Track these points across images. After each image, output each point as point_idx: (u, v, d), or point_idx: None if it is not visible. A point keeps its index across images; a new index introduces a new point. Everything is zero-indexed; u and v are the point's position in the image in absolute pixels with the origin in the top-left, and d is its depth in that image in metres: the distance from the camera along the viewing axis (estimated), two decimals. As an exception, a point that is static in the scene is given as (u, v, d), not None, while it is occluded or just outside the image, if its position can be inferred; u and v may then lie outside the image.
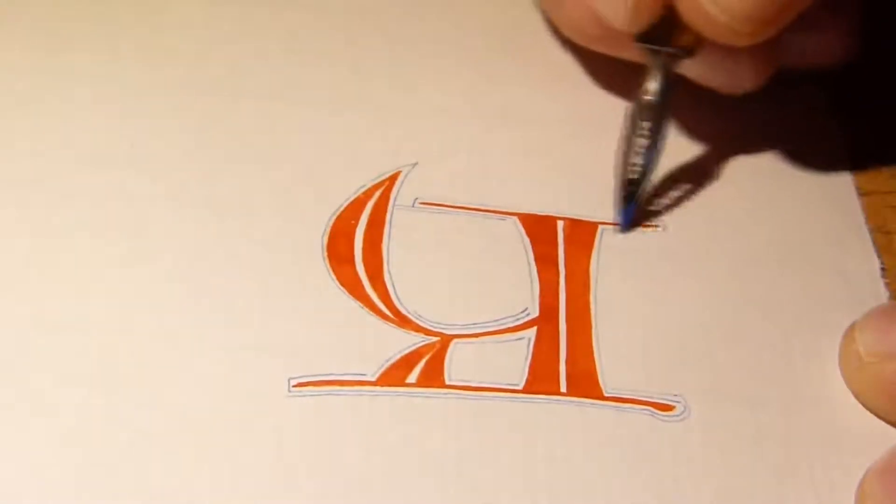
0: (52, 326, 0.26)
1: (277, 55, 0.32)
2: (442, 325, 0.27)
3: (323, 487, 0.24)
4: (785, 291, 0.29)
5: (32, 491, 0.24)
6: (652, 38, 0.28)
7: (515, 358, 0.27)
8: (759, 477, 0.25)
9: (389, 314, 0.27)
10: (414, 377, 0.26)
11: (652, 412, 0.26)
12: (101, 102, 0.31)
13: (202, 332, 0.26)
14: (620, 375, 0.27)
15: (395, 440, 0.25)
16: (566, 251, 0.29)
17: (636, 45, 0.28)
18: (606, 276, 0.29)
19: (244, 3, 0.34)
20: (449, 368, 0.26)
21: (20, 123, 0.30)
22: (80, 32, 0.32)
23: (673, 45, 0.28)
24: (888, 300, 0.29)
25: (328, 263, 0.28)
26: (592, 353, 0.27)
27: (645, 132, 0.28)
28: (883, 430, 0.26)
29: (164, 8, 0.33)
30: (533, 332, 0.27)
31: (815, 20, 0.29)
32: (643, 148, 0.29)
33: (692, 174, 0.31)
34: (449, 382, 0.26)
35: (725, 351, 0.27)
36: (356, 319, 0.27)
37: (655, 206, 0.30)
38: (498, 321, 0.27)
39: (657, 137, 0.29)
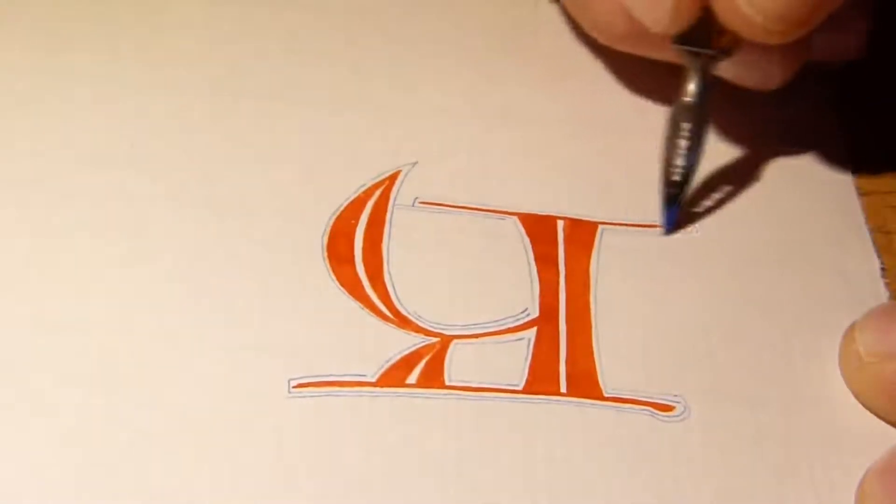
0: (52, 326, 0.26)
1: (277, 55, 0.32)
2: (442, 325, 0.27)
3: (323, 488, 0.24)
4: (785, 291, 0.29)
5: (32, 491, 0.24)
6: (690, 39, 0.28)
7: (515, 358, 0.27)
8: (759, 477, 0.25)
9: (389, 314, 0.27)
10: (414, 378, 0.26)
11: (652, 412, 0.26)
12: (101, 102, 0.31)
13: (202, 332, 0.26)
14: (620, 375, 0.27)
15: (395, 441, 0.25)
16: (566, 251, 0.29)
17: (674, 47, 0.28)
18: (606, 276, 0.29)
19: (244, 3, 0.34)
20: (449, 369, 0.26)
21: (20, 123, 0.30)
22: (80, 32, 0.32)
23: (713, 46, 0.28)
24: (888, 300, 0.29)
25: (328, 263, 0.28)
26: (592, 353, 0.27)
27: (686, 133, 0.29)
28: (883, 430, 0.26)
29: (164, 8, 0.33)
30: (533, 332, 0.27)
31: (839, 18, 0.29)
32: (685, 149, 0.29)
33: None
34: (449, 383, 0.26)
35: (725, 351, 0.27)
36: (356, 320, 0.27)
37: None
38: (498, 321, 0.27)
39: (698, 139, 0.29)
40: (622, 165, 0.31)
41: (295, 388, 0.26)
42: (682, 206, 0.29)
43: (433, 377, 0.26)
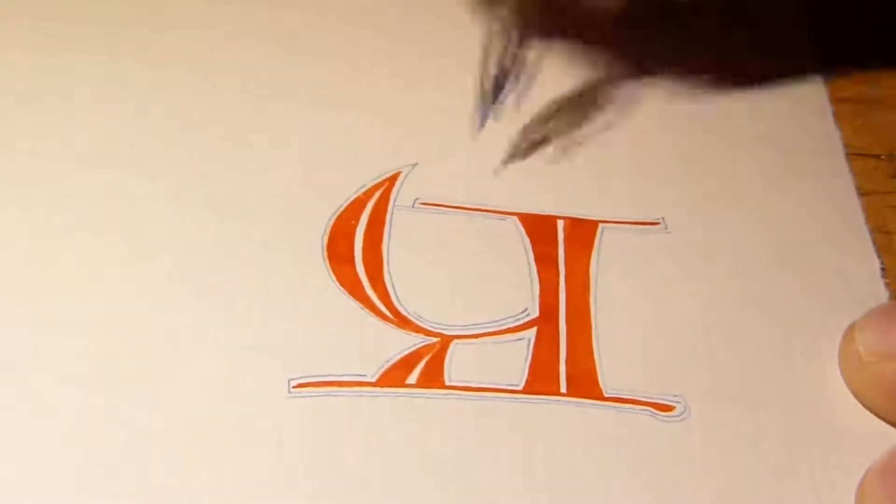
0: (52, 326, 0.26)
1: (277, 55, 0.32)
2: (442, 325, 0.27)
3: (323, 487, 0.24)
4: (785, 291, 0.29)
5: (32, 491, 0.24)
6: None
7: (515, 358, 0.27)
8: (759, 477, 0.25)
9: (389, 315, 0.27)
10: (414, 378, 0.26)
11: (652, 412, 0.26)
12: (101, 102, 0.31)
13: (202, 332, 0.26)
14: (620, 376, 0.27)
15: (395, 440, 0.25)
16: (566, 251, 0.29)
17: None
18: (606, 276, 0.29)
19: (244, 3, 0.34)
20: (449, 369, 0.26)
21: (20, 123, 0.30)
22: (80, 32, 0.32)
23: None
24: (888, 300, 0.29)
25: (328, 263, 0.28)
26: (592, 353, 0.27)
27: (510, 38, 0.29)
28: (883, 430, 0.26)
29: (164, 8, 0.33)
30: (533, 332, 0.27)
31: None
32: (507, 51, 0.29)
33: (692, 175, 0.31)
34: (449, 383, 0.26)
35: (725, 351, 0.27)
36: (356, 320, 0.27)
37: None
38: (498, 322, 0.27)
39: (521, 44, 0.29)
40: (622, 164, 0.31)
41: (295, 388, 0.26)
42: (502, 104, 0.30)
43: (433, 377, 0.26)
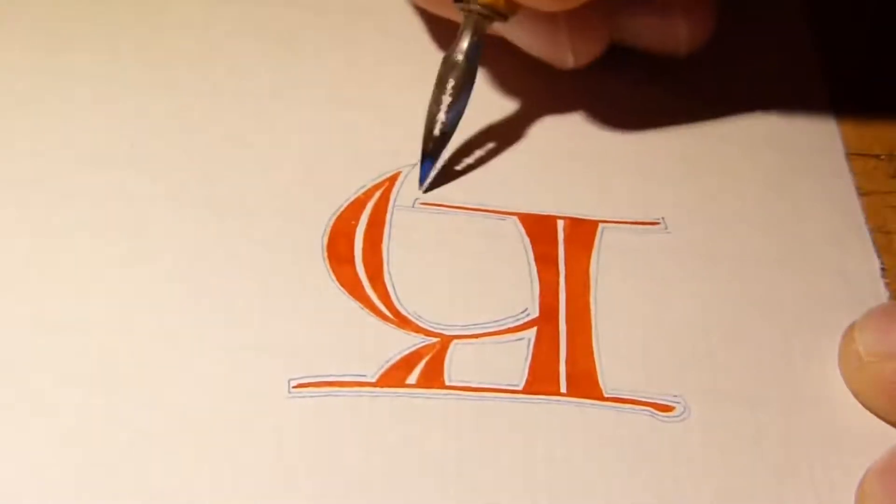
0: (52, 326, 0.26)
1: (277, 55, 0.32)
2: (442, 325, 0.27)
3: (323, 488, 0.24)
4: (785, 291, 0.29)
5: (32, 491, 0.24)
6: None
7: (515, 358, 0.27)
8: (759, 477, 0.25)
9: (389, 315, 0.27)
10: (414, 378, 0.26)
11: (652, 413, 0.26)
12: (101, 102, 0.31)
13: (202, 332, 0.26)
14: (620, 376, 0.27)
15: (395, 441, 0.25)
16: (566, 251, 0.29)
17: (454, 4, 0.29)
18: (606, 276, 0.29)
19: (244, 3, 0.34)
20: (449, 369, 0.26)
21: (20, 123, 0.30)
22: (80, 32, 0.32)
23: (479, 3, 0.28)
24: (888, 300, 0.29)
25: (328, 264, 0.28)
26: (592, 353, 0.27)
27: (450, 90, 0.29)
28: (883, 430, 0.26)
29: (164, 8, 0.33)
30: (533, 332, 0.27)
31: (657, 2, 0.30)
32: (447, 105, 0.29)
33: (692, 175, 0.31)
34: (449, 383, 0.26)
35: (725, 351, 0.27)
36: (356, 320, 0.27)
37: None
38: (498, 322, 0.27)
39: (462, 96, 0.29)
40: (622, 164, 0.31)
41: (295, 388, 0.26)
42: (438, 162, 0.30)
43: (433, 377, 0.26)
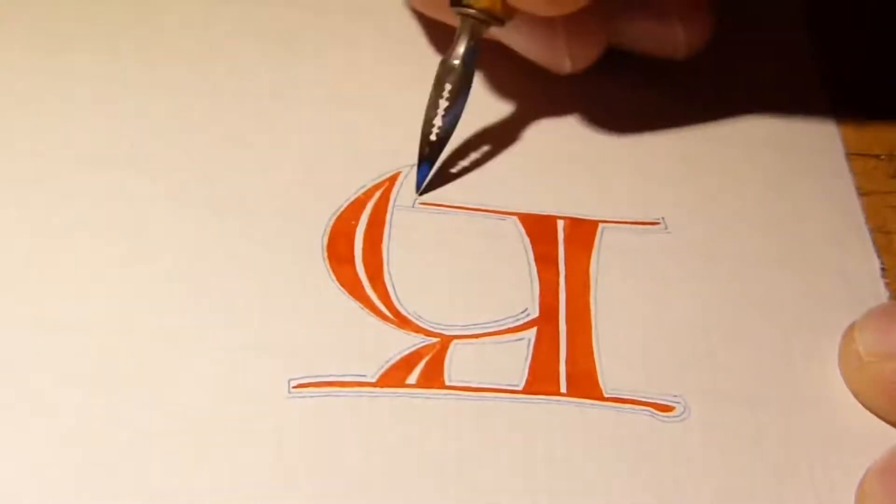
0: (52, 326, 0.26)
1: (277, 55, 0.32)
2: (442, 325, 0.27)
3: (323, 488, 0.24)
4: (785, 291, 0.29)
5: (32, 491, 0.24)
6: (463, 1, 0.29)
7: (515, 358, 0.27)
8: (759, 477, 0.25)
9: (389, 315, 0.27)
10: (414, 378, 0.26)
11: (652, 413, 0.26)
12: (101, 102, 0.31)
13: (202, 332, 0.26)
14: (620, 376, 0.27)
15: (395, 441, 0.25)
16: (566, 251, 0.29)
17: (451, 7, 0.29)
18: (606, 276, 0.29)
19: (244, 3, 0.34)
20: (449, 369, 0.26)
21: (20, 123, 0.30)
22: (80, 32, 0.32)
23: (475, 7, 0.28)
24: (888, 300, 0.29)
25: (328, 264, 0.28)
26: (592, 353, 0.27)
27: (447, 94, 0.29)
28: (883, 430, 0.26)
29: (164, 8, 0.33)
30: (533, 332, 0.27)
31: (655, 6, 0.30)
32: (444, 110, 0.29)
33: (692, 175, 0.31)
34: (449, 383, 0.26)
35: (725, 351, 0.27)
36: (356, 320, 0.27)
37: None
38: (498, 322, 0.27)
39: (459, 101, 0.29)
40: (622, 164, 0.31)
41: (295, 388, 0.26)
42: (434, 166, 0.30)
43: (433, 377, 0.26)
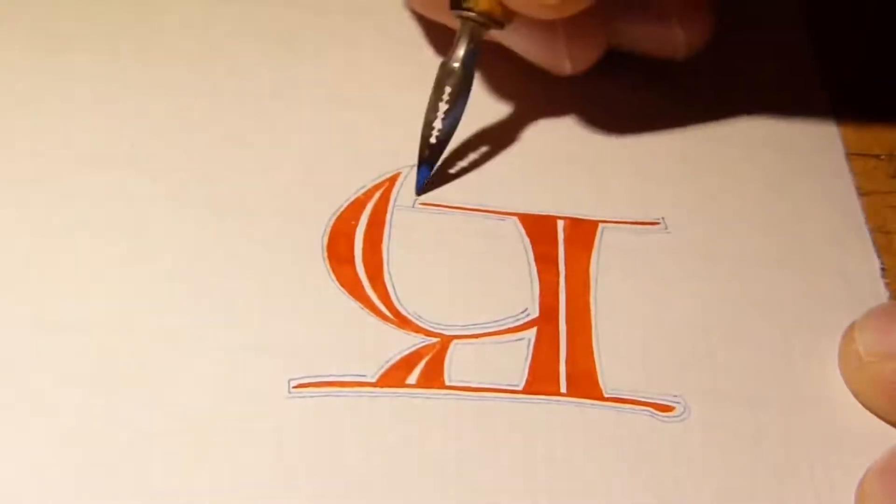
0: (52, 326, 0.26)
1: (277, 55, 0.32)
2: (442, 325, 0.27)
3: (323, 488, 0.24)
4: (785, 291, 0.29)
5: (32, 491, 0.24)
6: (463, 4, 0.29)
7: (515, 358, 0.27)
8: (759, 477, 0.25)
9: (389, 315, 0.27)
10: (414, 378, 0.26)
11: (652, 413, 0.26)
12: (101, 102, 0.31)
13: (202, 332, 0.26)
14: (620, 376, 0.27)
15: (395, 441, 0.25)
16: (566, 251, 0.29)
17: (451, 10, 0.29)
18: (606, 276, 0.29)
19: (244, 3, 0.34)
20: (449, 369, 0.26)
21: (20, 123, 0.30)
22: (80, 32, 0.32)
23: (475, 10, 0.28)
24: (888, 300, 0.29)
25: (328, 264, 0.28)
26: (592, 353, 0.27)
27: (447, 97, 0.29)
28: (883, 430, 0.26)
29: (164, 8, 0.33)
30: (533, 332, 0.27)
31: (654, 8, 0.30)
32: (444, 113, 0.29)
33: (692, 175, 0.31)
34: (449, 383, 0.26)
35: (725, 351, 0.27)
36: (356, 320, 0.27)
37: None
38: (498, 322, 0.27)
39: (459, 103, 0.29)
40: (622, 164, 0.31)
41: (295, 388, 0.26)
42: (434, 167, 0.30)
43: (433, 377, 0.26)
